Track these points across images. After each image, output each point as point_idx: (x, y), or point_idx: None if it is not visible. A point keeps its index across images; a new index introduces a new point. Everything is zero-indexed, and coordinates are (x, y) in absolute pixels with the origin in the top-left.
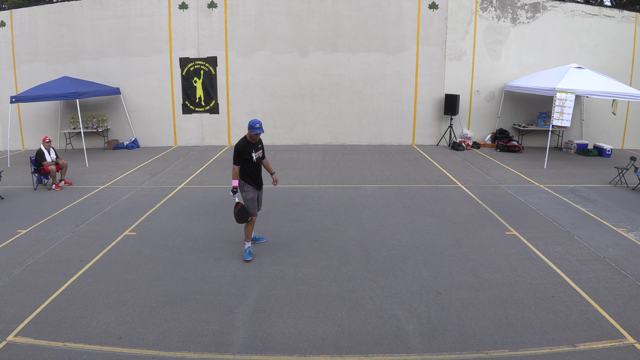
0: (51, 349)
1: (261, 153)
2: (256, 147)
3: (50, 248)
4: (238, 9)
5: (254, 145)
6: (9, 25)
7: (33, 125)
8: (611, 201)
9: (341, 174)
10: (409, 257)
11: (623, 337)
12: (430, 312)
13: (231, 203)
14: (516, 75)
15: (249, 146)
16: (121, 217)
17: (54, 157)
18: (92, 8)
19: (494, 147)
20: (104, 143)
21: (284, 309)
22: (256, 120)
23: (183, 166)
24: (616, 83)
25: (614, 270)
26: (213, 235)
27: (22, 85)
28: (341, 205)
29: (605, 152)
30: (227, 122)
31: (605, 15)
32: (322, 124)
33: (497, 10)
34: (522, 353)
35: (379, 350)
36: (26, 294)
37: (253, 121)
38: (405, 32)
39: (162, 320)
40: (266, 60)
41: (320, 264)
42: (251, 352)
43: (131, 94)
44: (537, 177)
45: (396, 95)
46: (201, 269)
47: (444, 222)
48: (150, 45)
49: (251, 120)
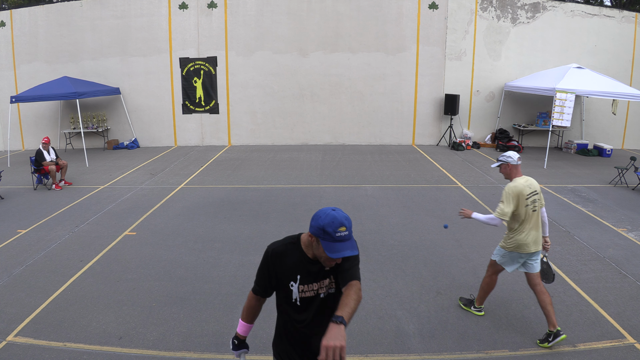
0: (51, 349)
1: (332, 285)
2: (319, 272)
3: (50, 248)
4: (238, 9)
5: (312, 264)
6: (9, 25)
7: (33, 125)
8: (611, 201)
9: (341, 174)
10: (409, 257)
11: (623, 337)
12: (430, 312)
13: (231, 202)
14: (516, 75)
15: (300, 266)
16: (121, 217)
17: (54, 157)
18: (92, 8)
19: (494, 147)
20: (104, 143)
21: None
22: (340, 218)
23: (183, 166)
24: (616, 83)
25: (614, 270)
26: (213, 235)
27: (22, 85)
28: (341, 205)
29: (605, 152)
30: (227, 122)
31: (605, 15)
32: (322, 124)
33: (497, 10)
34: (522, 353)
35: (379, 350)
36: (26, 294)
37: (333, 219)
38: (405, 32)
39: (162, 320)
40: (266, 60)
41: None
42: (251, 352)
43: (131, 94)
44: (537, 177)
45: (396, 95)
46: (201, 269)
47: (444, 222)
48: (150, 45)
49: (328, 216)
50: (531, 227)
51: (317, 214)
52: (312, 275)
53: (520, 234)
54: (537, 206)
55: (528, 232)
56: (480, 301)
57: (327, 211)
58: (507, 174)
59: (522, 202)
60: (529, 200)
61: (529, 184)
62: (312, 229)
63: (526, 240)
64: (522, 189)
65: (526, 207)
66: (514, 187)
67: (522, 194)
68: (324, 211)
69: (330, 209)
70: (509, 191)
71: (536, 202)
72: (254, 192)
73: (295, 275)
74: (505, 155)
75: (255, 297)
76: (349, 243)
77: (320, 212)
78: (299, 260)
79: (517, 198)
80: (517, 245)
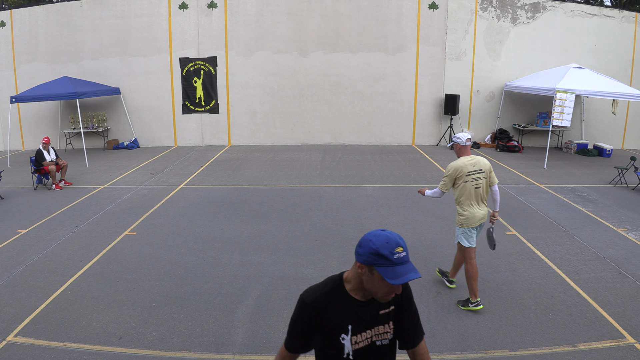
0: (51, 349)
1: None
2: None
3: (50, 248)
4: (238, 9)
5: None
6: (9, 25)
7: (33, 125)
8: (611, 201)
9: (341, 174)
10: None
11: (623, 337)
12: (430, 312)
13: (231, 202)
14: (516, 75)
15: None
16: (121, 217)
17: (54, 157)
18: (92, 8)
19: (494, 147)
20: (104, 143)
21: (284, 309)
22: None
23: (183, 166)
24: (616, 83)
25: (614, 270)
26: (213, 235)
27: (22, 85)
28: (341, 205)
29: (605, 152)
30: (227, 122)
31: (605, 15)
32: (322, 124)
33: (497, 10)
34: (522, 353)
35: None
36: (26, 294)
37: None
38: (405, 32)
39: (162, 320)
40: (266, 60)
41: (320, 264)
42: (251, 352)
43: (131, 94)
44: (537, 177)
45: (396, 95)
46: (201, 269)
47: (444, 222)
48: (150, 45)
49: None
50: (477, 202)
51: (365, 238)
52: (365, 321)
53: (469, 208)
54: (482, 184)
55: (473, 207)
56: (474, 295)
57: (377, 232)
58: (457, 153)
59: (461, 178)
60: (470, 177)
61: (474, 162)
62: (362, 257)
63: (473, 215)
64: (463, 166)
65: (466, 183)
66: (455, 163)
67: (462, 170)
68: (373, 233)
69: (378, 230)
70: (449, 167)
71: (480, 180)
72: (254, 192)
73: (346, 326)
74: (456, 136)
75: (291, 355)
76: (410, 265)
77: (368, 235)
78: (347, 307)
79: (456, 173)
80: (469, 219)
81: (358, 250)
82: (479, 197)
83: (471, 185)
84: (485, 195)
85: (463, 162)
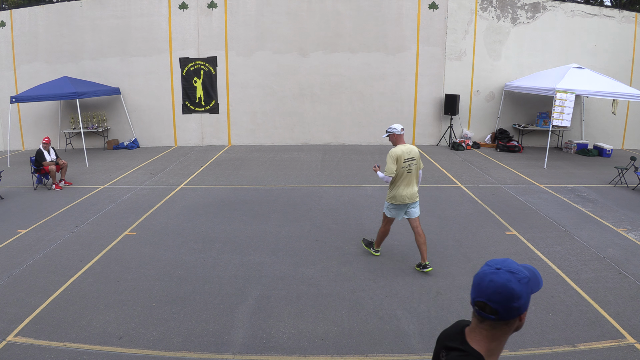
0: (51, 349)
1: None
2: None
3: (50, 248)
4: (238, 9)
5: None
6: (9, 25)
7: (33, 125)
8: (611, 201)
9: (341, 174)
10: (409, 257)
11: (623, 337)
12: (430, 312)
13: (231, 202)
14: (516, 75)
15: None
16: (121, 217)
17: (54, 157)
18: (92, 8)
19: (494, 147)
20: (104, 143)
21: (284, 309)
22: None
23: (183, 166)
24: (616, 83)
25: (614, 270)
26: (213, 235)
27: (22, 85)
28: (341, 205)
29: (605, 152)
30: (227, 122)
31: (605, 15)
32: (322, 124)
33: (497, 10)
34: (522, 353)
35: (379, 350)
36: (26, 294)
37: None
38: (405, 32)
39: (162, 320)
40: (266, 60)
41: (320, 264)
42: (251, 352)
43: (131, 94)
44: (537, 177)
45: (396, 95)
46: (201, 269)
47: (444, 222)
48: (150, 45)
49: (535, 276)
50: (406, 184)
51: (515, 288)
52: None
53: (397, 189)
54: (413, 169)
55: (404, 188)
56: (377, 245)
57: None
58: (393, 142)
59: (400, 164)
60: (406, 164)
61: (408, 150)
62: (524, 308)
63: (402, 194)
64: (401, 153)
65: (402, 168)
66: (394, 151)
67: (400, 156)
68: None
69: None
70: (391, 154)
71: (412, 166)
72: (254, 192)
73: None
74: (391, 127)
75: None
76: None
77: (510, 283)
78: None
79: (397, 159)
80: (395, 197)
81: (515, 304)
82: (409, 180)
83: (404, 170)
84: (414, 178)
85: (401, 150)
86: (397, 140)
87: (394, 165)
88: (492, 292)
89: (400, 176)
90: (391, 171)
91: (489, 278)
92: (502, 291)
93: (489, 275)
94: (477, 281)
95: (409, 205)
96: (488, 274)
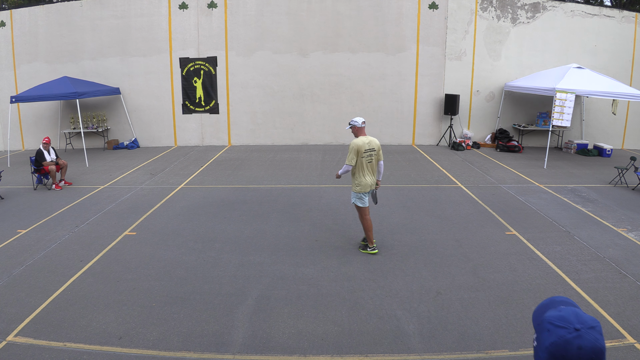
0: (51, 349)
1: None
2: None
3: (50, 248)
4: (238, 9)
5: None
6: (9, 25)
7: (33, 125)
8: (611, 201)
9: None
10: (409, 257)
11: (623, 337)
12: (430, 312)
13: (231, 202)
14: (516, 75)
15: None
16: (121, 217)
17: (54, 157)
18: (92, 8)
19: (494, 147)
20: (104, 143)
21: (284, 309)
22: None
23: (183, 166)
24: (616, 83)
25: (614, 270)
26: (213, 235)
27: (22, 85)
28: (341, 205)
29: (605, 152)
30: (227, 122)
31: (605, 15)
32: (322, 124)
33: (497, 10)
34: (522, 353)
35: (379, 350)
36: (26, 294)
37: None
38: (405, 32)
39: (162, 320)
40: (266, 60)
41: (320, 264)
42: (251, 352)
43: (131, 94)
44: (537, 177)
45: (396, 95)
46: (201, 269)
47: (444, 222)
48: (150, 45)
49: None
50: (367, 174)
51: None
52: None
53: (361, 178)
54: (373, 159)
55: (367, 177)
56: (371, 241)
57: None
58: (355, 133)
59: (360, 154)
60: (366, 154)
61: (369, 142)
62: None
63: (367, 182)
64: (361, 145)
65: (362, 159)
66: (355, 143)
67: (360, 148)
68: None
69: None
70: (352, 146)
71: (372, 156)
72: (254, 192)
73: None
74: (353, 120)
75: None
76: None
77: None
78: None
79: (357, 150)
80: (361, 185)
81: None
82: (370, 169)
83: (365, 161)
84: (374, 168)
85: (362, 141)
86: (358, 132)
87: (355, 156)
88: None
89: (362, 166)
90: (351, 161)
91: (576, 345)
92: (595, 355)
93: (573, 342)
94: (561, 352)
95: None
96: (571, 340)
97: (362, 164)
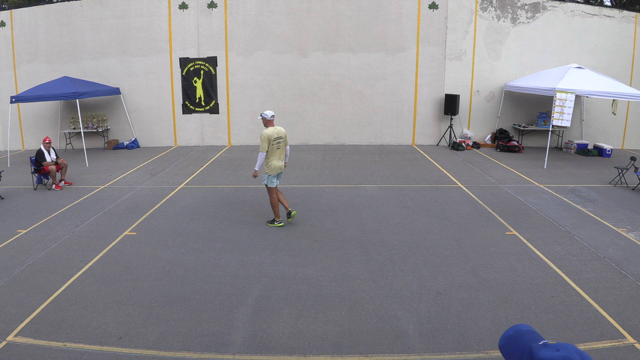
0: (51, 349)
1: None
2: None
3: (50, 248)
4: (238, 9)
5: None
6: (9, 25)
7: (33, 125)
8: (611, 201)
9: (341, 174)
10: (409, 257)
11: (623, 337)
12: (430, 312)
13: (231, 202)
14: (516, 75)
15: None
16: (121, 217)
17: (54, 157)
18: (92, 8)
19: (494, 147)
20: (104, 143)
21: (284, 309)
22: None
23: (183, 166)
24: (616, 83)
25: (614, 270)
26: (213, 235)
27: (22, 85)
28: (341, 205)
29: (605, 152)
30: (227, 122)
31: (605, 15)
32: (322, 124)
33: (497, 10)
34: None
35: (379, 350)
36: (26, 294)
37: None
38: (405, 32)
39: (162, 320)
40: (266, 60)
41: (320, 264)
42: (251, 352)
43: (131, 94)
44: (537, 177)
45: (396, 95)
46: (201, 269)
47: (444, 222)
48: (150, 45)
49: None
50: (277, 157)
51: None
52: None
53: (271, 161)
54: (281, 145)
55: (276, 160)
56: (277, 216)
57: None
58: (265, 124)
59: (270, 142)
60: (275, 141)
61: (277, 131)
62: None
63: (276, 165)
64: (271, 134)
65: (272, 145)
66: (265, 132)
67: (271, 136)
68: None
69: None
70: (263, 135)
71: (280, 143)
72: (254, 192)
73: None
74: (264, 113)
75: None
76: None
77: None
78: None
79: (268, 139)
80: (271, 168)
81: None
82: (279, 154)
83: (275, 147)
84: (282, 153)
85: (271, 131)
86: (267, 123)
87: (267, 144)
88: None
89: (272, 152)
90: (264, 148)
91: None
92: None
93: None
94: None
95: (279, 174)
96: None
97: (273, 150)
